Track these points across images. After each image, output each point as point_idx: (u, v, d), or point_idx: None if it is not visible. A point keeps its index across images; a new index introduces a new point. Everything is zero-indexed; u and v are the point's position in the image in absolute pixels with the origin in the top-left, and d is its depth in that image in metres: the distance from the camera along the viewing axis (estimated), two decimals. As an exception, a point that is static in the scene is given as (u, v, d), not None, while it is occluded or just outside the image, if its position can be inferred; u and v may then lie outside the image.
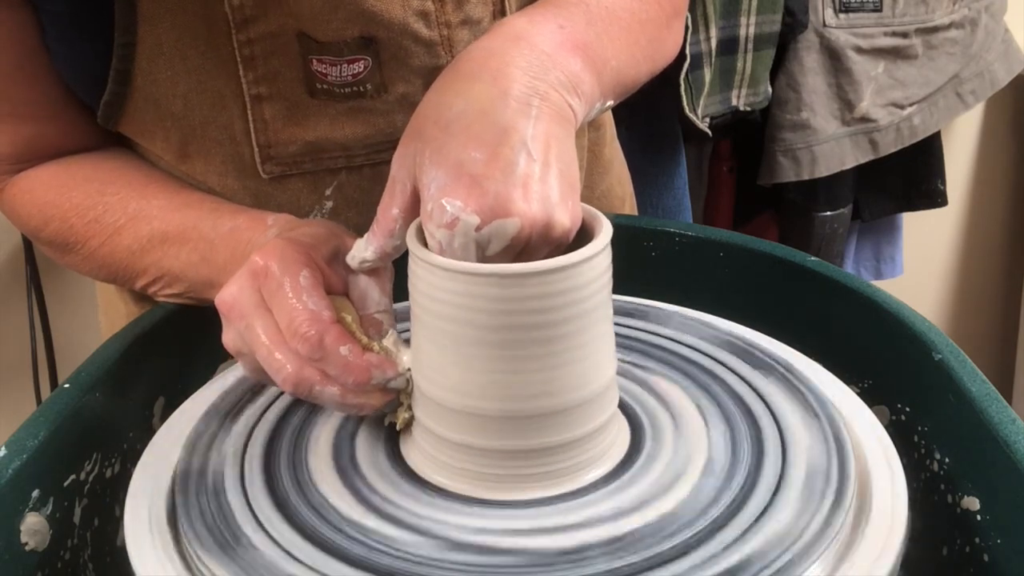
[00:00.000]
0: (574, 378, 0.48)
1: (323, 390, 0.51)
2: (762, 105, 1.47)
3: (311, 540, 0.46)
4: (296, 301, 0.51)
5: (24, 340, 1.44)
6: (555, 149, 0.50)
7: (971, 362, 0.56)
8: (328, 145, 0.70)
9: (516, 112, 0.50)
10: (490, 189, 0.48)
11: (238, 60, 0.66)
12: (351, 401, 0.52)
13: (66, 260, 0.71)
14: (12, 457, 0.50)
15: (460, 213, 0.47)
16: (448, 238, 0.47)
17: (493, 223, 0.47)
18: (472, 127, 0.49)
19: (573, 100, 0.54)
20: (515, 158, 0.49)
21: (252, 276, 0.53)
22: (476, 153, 0.48)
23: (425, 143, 0.50)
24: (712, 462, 0.51)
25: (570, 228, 0.50)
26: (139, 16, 0.64)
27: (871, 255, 1.77)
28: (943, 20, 1.54)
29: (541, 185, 0.49)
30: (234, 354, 0.55)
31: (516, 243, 0.48)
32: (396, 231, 0.52)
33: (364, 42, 0.67)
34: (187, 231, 0.65)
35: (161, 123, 0.68)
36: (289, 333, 0.51)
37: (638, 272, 0.72)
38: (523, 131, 0.50)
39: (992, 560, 0.51)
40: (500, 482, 0.49)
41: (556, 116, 0.52)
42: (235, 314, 0.53)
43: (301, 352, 0.51)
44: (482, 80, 0.52)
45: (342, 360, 0.51)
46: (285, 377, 0.51)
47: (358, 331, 0.53)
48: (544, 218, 0.48)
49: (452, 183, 0.48)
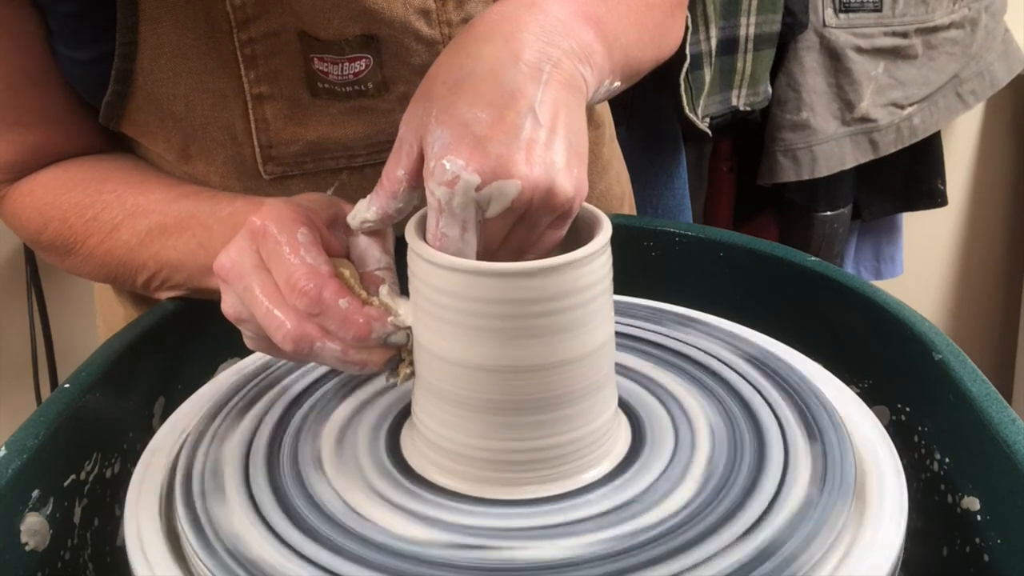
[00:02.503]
0: (574, 377, 0.48)
1: (324, 346, 0.50)
2: (762, 105, 1.47)
3: (313, 539, 0.46)
4: (294, 257, 0.51)
5: (24, 340, 1.44)
6: (563, 116, 0.50)
7: (971, 362, 0.56)
8: (329, 145, 0.70)
9: (526, 76, 0.50)
10: (492, 151, 0.47)
11: (239, 59, 0.66)
12: (353, 358, 0.51)
13: (67, 263, 0.71)
14: (12, 457, 0.50)
15: (461, 172, 0.47)
16: (448, 196, 0.47)
17: (494, 184, 0.47)
18: (480, 88, 0.49)
19: (585, 70, 0.53)
20: (521, 122, 0.48)
21: (250, 237, 0.53)
22: (482, 114, 0.48)
23: (433, 102, 0.50)
24: (713, 462, 0.51)
25: (574, 196, 0.49)
26: (141, 16, 0.64)
27: (871, 255, 1.77)
28: (943, 20, 1.54)
29: (546, 150, 0.48)
30: (235, 321, 0.54)
31: (517, 207, 0.48)
32: (400, 193, 0.51)
33: (365, 40, 0.67)
34: (185, 220, 0.65)
35: (162, 123, 0.68)
36: (287, 289, 0.50)
37: (638, 272, 0.72)
38: (531, 96, 0.49)
39: (992, 560, 0.51)
40: (499, 481, 0.49)
41: (567, 84, 0.51)
42: (233, 276, 0.53)
43: (300, 307, 0.50)
44: (494, 42, 0.51)
45: (341, 313, 0.50)
46: (285, 334, 0.50)
47: (356, 286, 0.52)
48: (546, 183, 0.48)
49: (456, 142, 0.48)
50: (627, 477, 0.50)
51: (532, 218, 0.49)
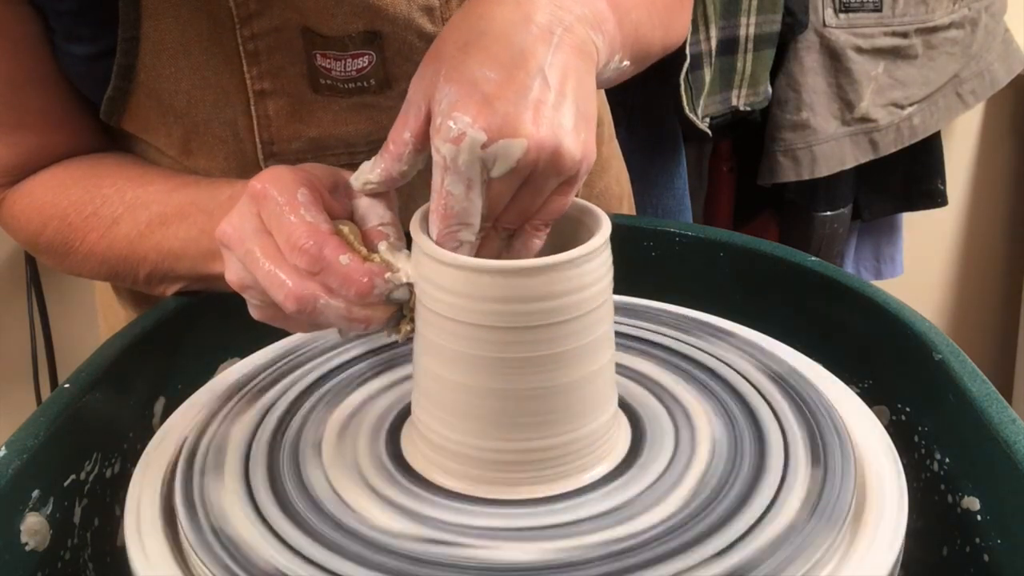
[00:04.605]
0: (574, 376, 0.48)
1: (328, 304, 0.50)
2: (762, 105, 1.47)
3: (312, 538, 0.46)
4: (294, 216, 0.50)
5: (24, 340, 1.44)
6: (573, 80, 0.50)
7: (971, 362, 0.56)
8: (331, 142, 0.70)
9: (537, 38, 0.50)
10: (500, 109, 0.47)
11: (242, 55, 0.66)
12: (357, 315, 0.51)
13: (66, 264, 0.71)
14: (12, 457, 0.50)
15: (467, 128, 0.47)
16: (453, 153, 0.47)
17: (499, 142, 0.47)
18: (491, 48, 0.49)
19: (596, 37, 0.53)
20: (530, 82, 0.48)
21: (251, 201, 0.52)
22: (491, 73, 0.48)
23: (442, 62, 0.50)
24: (713, 462, 0.50)
25: (580, 160, 0.49)
26: (143, 11, 0.64)
27: (871, 255, 1.77)
28: (943, 20, 1.54)
29: (553, 112, 0.48)
30: (239, 289, 0.54)
31: (522, 167, 0.48)
32: (405, 155, 0.51)
33: (369, 37, 0.67)
34: (185, 208, 0.65)
35: (164, 119, 0.68)
36: (287, 247, 0.50)
37: (638, 272, 0.72)
38: (542, 58, 0.49)
39: (992, 560, 0.51)
40: (499, 481, 0.49)
41: (577, 49, 0.51)
42: (235, 241, 0.52)
43: (300, 266, 0.50)
44: (506, 5, 0.51)
45: (342, 270, 0.50)
46: (287, 294, 0.50)
47: (356, 243, 0.52)
48: (553, 144, 0.48)
49: (463, 99, 0.48)
50: (627, 477, 0.50)
51: (538, 180, 0.49)
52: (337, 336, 0.63)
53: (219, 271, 0.56)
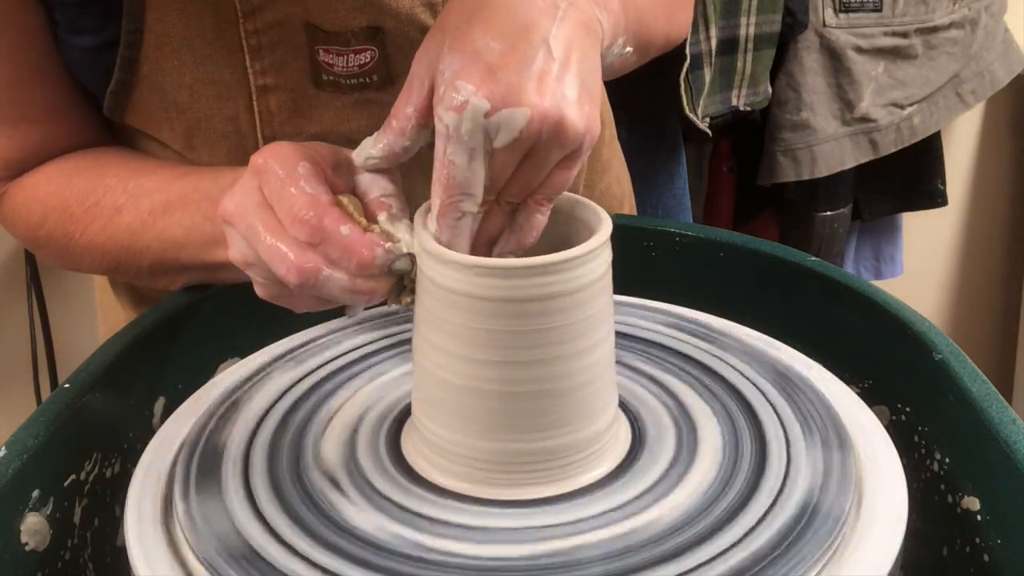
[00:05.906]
0: (574, 376, 0.48)
1: (330, 276, 0.50)
2: (762, 105, 1.47)
3: (312, 539, 0.46)
4: (294, 189, 0.51)
5: (24, 340, 1.44)
6: (577, 54, 0.50)
7: (971, 362, 0.56)
8: (333, 138, 0.69)
9: (541, 12, 0.50)
10: (503, 78, 0.47)
11: (245, 50, 0.66)
12: (361, 287, 0.51)
13: (67, 257, 0.71)
14: (12, 457, 0.50)
15: (470, 97, 0.47)
16: (456, 121, 0.47)
17: (503, 111, 0.47)
18: (495, 19, 0.49)
19: (601, 15, 0.54)
20: (533, 54, 0.48)
21: (253, 175, 0.53)
22: (495, 43, 0.48)
23: (446, 33, 0.50)
24: (713, 462, 0.50)
25: (584, 133, 0.49)
26: (147, 3, 0.64)
27: (871, 255, 1.77)
28: (943, 20, 1.54)
29: (557, 83, 0.48)
30: (243, 266, 0.54)
31: (525, 137, 0.48)
32: (408, 130, 0.51)
33: (371, 32, 0.67)
34: (188, 194, 0.65)
35: (166, 113, 0.68)
36: (288, 220, 0.50)
37: (638, 272, 0.72)
38: (545, 30, 0.49)
39: (992, 560, 0.51)
40: (498, 482, 0.49)
41: (582, 24, 0.51)
42: (237, 217, 0.53)
43: (301, 237, 0.50)
44: None
45: (343, 240, 0.50)
46: (288, 266, 0.50)
47: (356, 213, 0.52)
48: (556, 115, 0.48)
49: (467, 69, 0.48)
50: (627, 478, 0.50)
51: (541, 152, 0.49)
52: (337, 336, 0.63)
53: (223, 259, 0.56)
